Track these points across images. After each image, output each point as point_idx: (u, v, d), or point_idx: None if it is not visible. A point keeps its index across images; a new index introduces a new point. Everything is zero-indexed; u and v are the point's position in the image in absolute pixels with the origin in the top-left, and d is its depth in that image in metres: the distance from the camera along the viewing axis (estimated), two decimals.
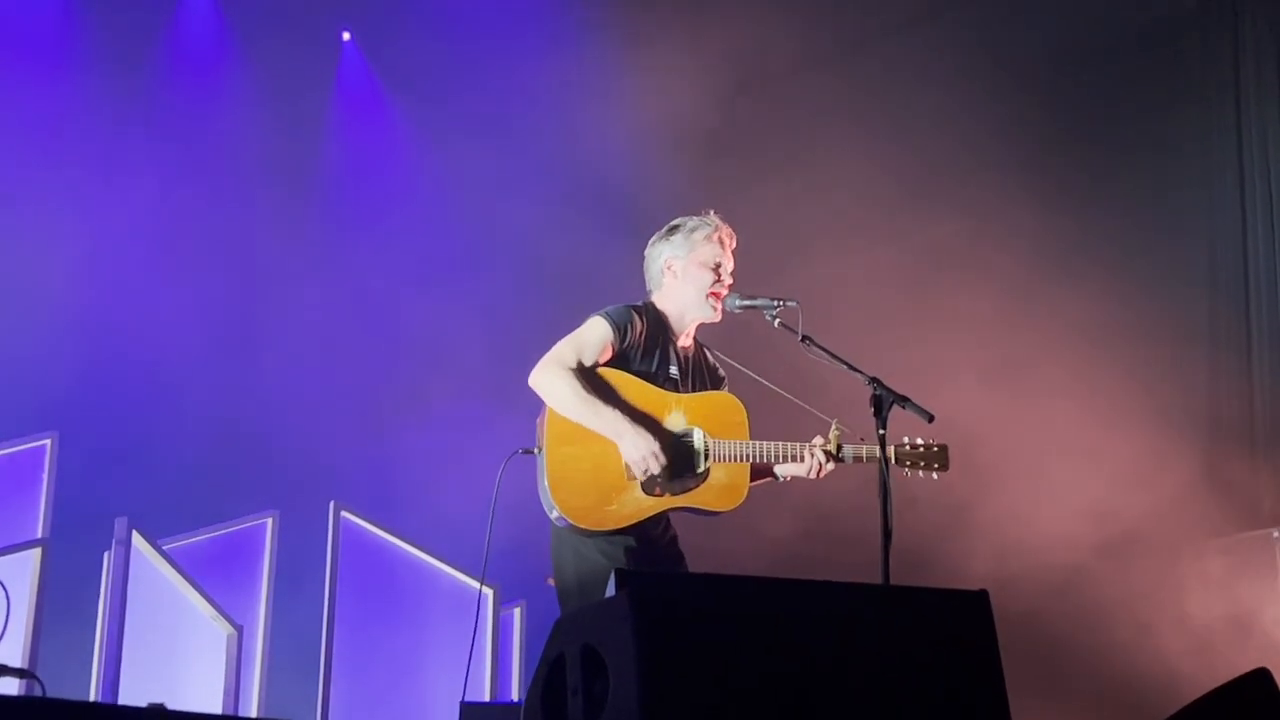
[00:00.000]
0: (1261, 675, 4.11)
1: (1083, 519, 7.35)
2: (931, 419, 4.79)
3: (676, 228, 5.13)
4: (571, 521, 4.78)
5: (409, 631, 7.03)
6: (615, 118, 8.61)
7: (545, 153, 8.94)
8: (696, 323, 5.12)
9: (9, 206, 8.09)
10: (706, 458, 4.87)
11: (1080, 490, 7.40)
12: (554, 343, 4.93)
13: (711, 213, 5.17)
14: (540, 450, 4.83)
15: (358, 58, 9.61)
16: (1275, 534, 6.71)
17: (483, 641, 7.15)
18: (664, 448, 4.81)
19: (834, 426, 4.94)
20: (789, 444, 4.92)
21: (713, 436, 4.89)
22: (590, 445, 4.79)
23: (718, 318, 5.09)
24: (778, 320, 4.98)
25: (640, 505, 4.81)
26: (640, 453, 4.77)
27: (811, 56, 8.80)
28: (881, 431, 4.73)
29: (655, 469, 4.78)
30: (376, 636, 6.92)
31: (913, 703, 3.74)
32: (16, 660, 5.73)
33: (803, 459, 4.93)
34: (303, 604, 7.11)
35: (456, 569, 7.18)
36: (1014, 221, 7.93)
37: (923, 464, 5.00)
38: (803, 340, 4.93)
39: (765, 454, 4.90)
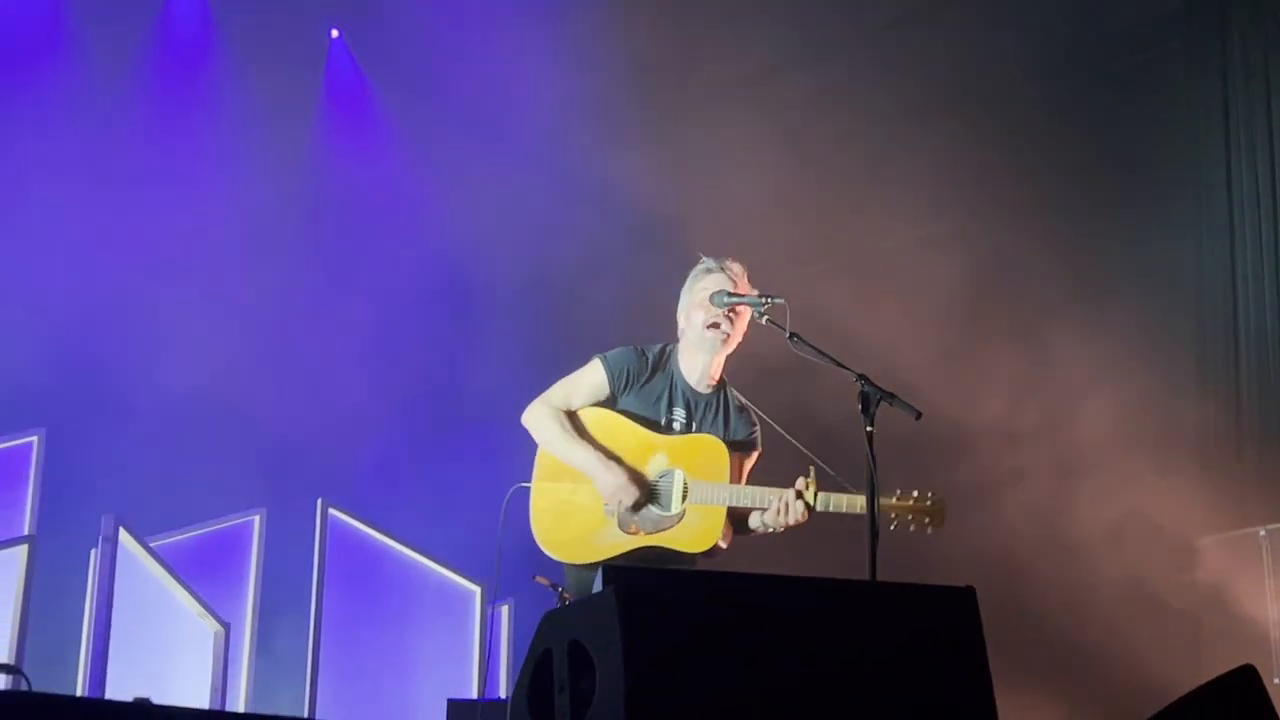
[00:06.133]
0: (1247, 672, 4.12)
1: (1071, 516, 7.37)
2: (919, 416, 4.77)
3: (686, 279, 5.21)
4: (550, 553, 4.98)
5: (396, 628, 7.03)
6: (605, 114, 8.60)
7: (535, 150, 8.93)
8: (717, 361, 5.13)
9: None
10: (684, 498, 4.94)
11: (1070, 488, 7.42)
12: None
13: (704, 257, 5.18)
14: (531, 485, 5.02)
15: (346, 56, 9.60)
16: (1262, 532, 6.73)
17: (469, 639, 7.16)
18: (637, 485, 4.92)
19: (811, 473, 4.90)
20: (768, 490, 4.93)
21: (693, 478, 4.95)
22: (574, 483, 4.99)
23: (726, 349, 5.09)
24: (765, 317, 4.99)
25: (615, 542, 4.94)
26: (611, 487, 4.91)
27: (792, 59, 8.80)
28: (870, 429, 4.72)
29: (627, 502, 4.90)
30: (364, 633, 6.92)
31: (900, 698, 3.74)
32: (3, 656, 5.73)
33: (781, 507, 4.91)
34: (290, 601, 7.10)
35: (444, 566, 7.18)
36: (995, 228, 7.95)
37: (912, 519, 4.91)
38: (790, 337, 4.93)
39: (742, 498, 4.94)
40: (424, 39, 8.96)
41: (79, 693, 6.10)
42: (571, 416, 5.04)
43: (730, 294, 5.04)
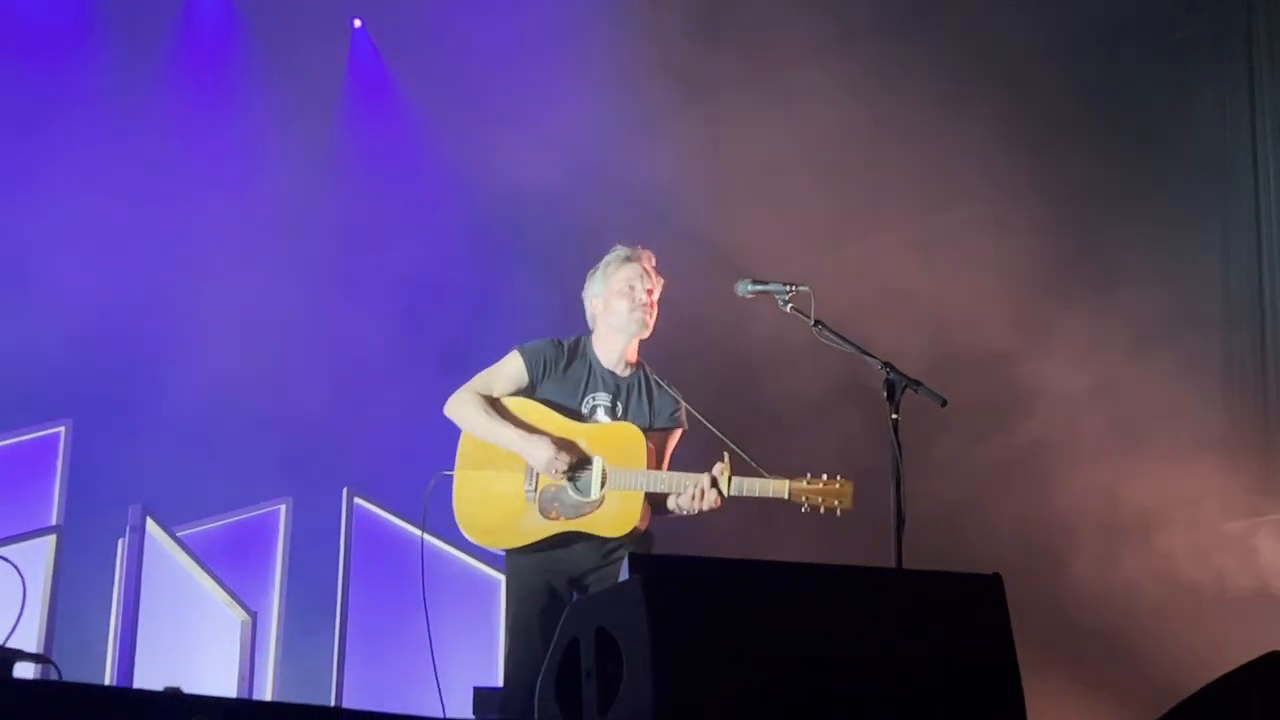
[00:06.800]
0: (1274, 659, 4.10)
1: (1098, 503, 7.35)
2: (945, 403, 4.79)
3: (594, 270, 5.39)
4: (475, 540, 5.18)
5: (421, 616, 7.04)
6: (630, 105, 8.59)
7: (564, 140, 8.91)
8: (633, 344, 5.29)
9: (23, 195, 8.11)
10: (603, 484, 5.06)
11: (1096, 472, 7.39)
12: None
13: (619, 245, 5.37)
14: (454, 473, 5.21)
15: (369, 46, 9.60)
16: None
17: (495, 627, 7.17)
18: (567, 452, 5.06)
19: (725, 458, 5.02)
20: (683, 475, 5.05)
21: (612, 465, 5.07)
22: (495, 470, 5.15)
23: (648, 332, 5.27)
24: (790, 305, 5.00)
25: (536, 527, 5.09)
26: (544, 457, 5.05)
27: (812, 44, 8.76)
28: (895, 416, 4.73)
29: (561, 467, 5.04)
30: (389, 621, 6.94)
31: (926, 686, 3.74)
32: (32, 646, 5.76)
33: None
34: (316, 590, 7.12)
35: (469, 555, 7.20)
36: (1021, 210, 7.92)
37: (822, 501, 4.98)
38: (815, 325, 4.94)
39: (659, 484, 5.06)
40: (447, 28, 8.96)
41: (107, 682, 6.13)
42: (493, 403, 5.18)
43: (755, 280, 5.08)
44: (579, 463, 5.09)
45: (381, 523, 7.08)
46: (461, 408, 5.20)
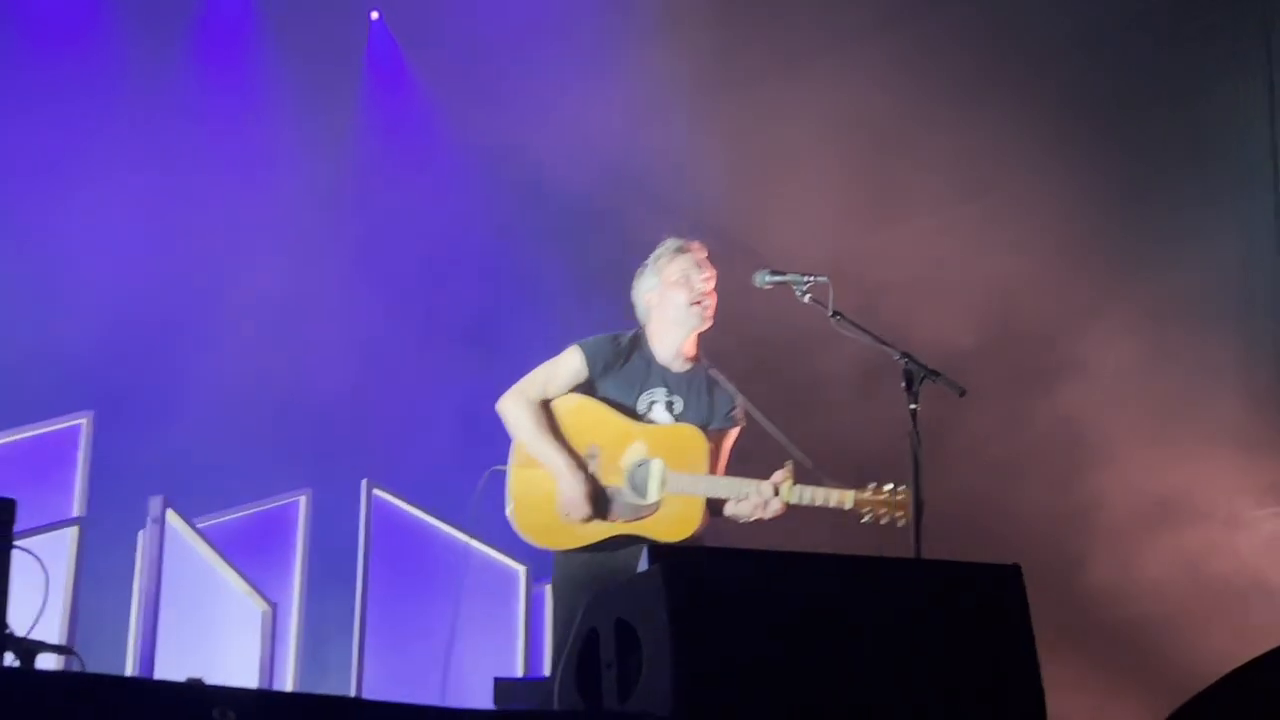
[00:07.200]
0: None
1: (1116, 492, 7.34)
2: (963, 393, 4.79)
3: (645, 264, 5.31)
4: (529, 539, 5.09)
5: (441, 608, 7.06)
6: (648, 98, 8.58)
7: (584, 134, 8.89)
8: (691, 338, 5.21)
9: (43, 187, 8.14)
10: (661, 488, 4.98)
11: (1118, 461, 7.38)
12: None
13: (669, 237, 5.31)
14: (508, 469, 5.12)
15: (386, 38, 9.60)
16: None
17: (514, 619, 7.18)
18: (591, 503, 4.97)
19: (788, 465, 4.95)
20: (743, 481, 4.97)
21: (672, 468, 4.98)
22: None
23: (708, 324, 5.19)
24: (808, 296, 4.99)
25: (593, 529, 5.01)
26: (568, 495, 4.98)
27: (837, 33, 8.74)
28: (913, 406, 4.73)
29: (575, 516, 4.97)
30: (409, 613, 6.95)
31: (945, 677, 3.74)
32: (54, 638, 5.78)
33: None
34: (336, 581, 7.14)
35: (490, 546, 7.21)
36: (1046, 198, 7.90)
37: (884, 511, 4.92)
38: (833, 316, 4.93)
39: (719, 489, 4.99)
40: (466, 20, 8.95)
41: (129, 674, 6.16)
42: (548, 406, 5.10)
43: (774, 271, 5.06)
44: (638, 464, 5.01)
45: (400, 514, 7.09)
46: (514, 413, 5.11)
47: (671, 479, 4.97)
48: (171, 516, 6.38)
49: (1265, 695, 3.99)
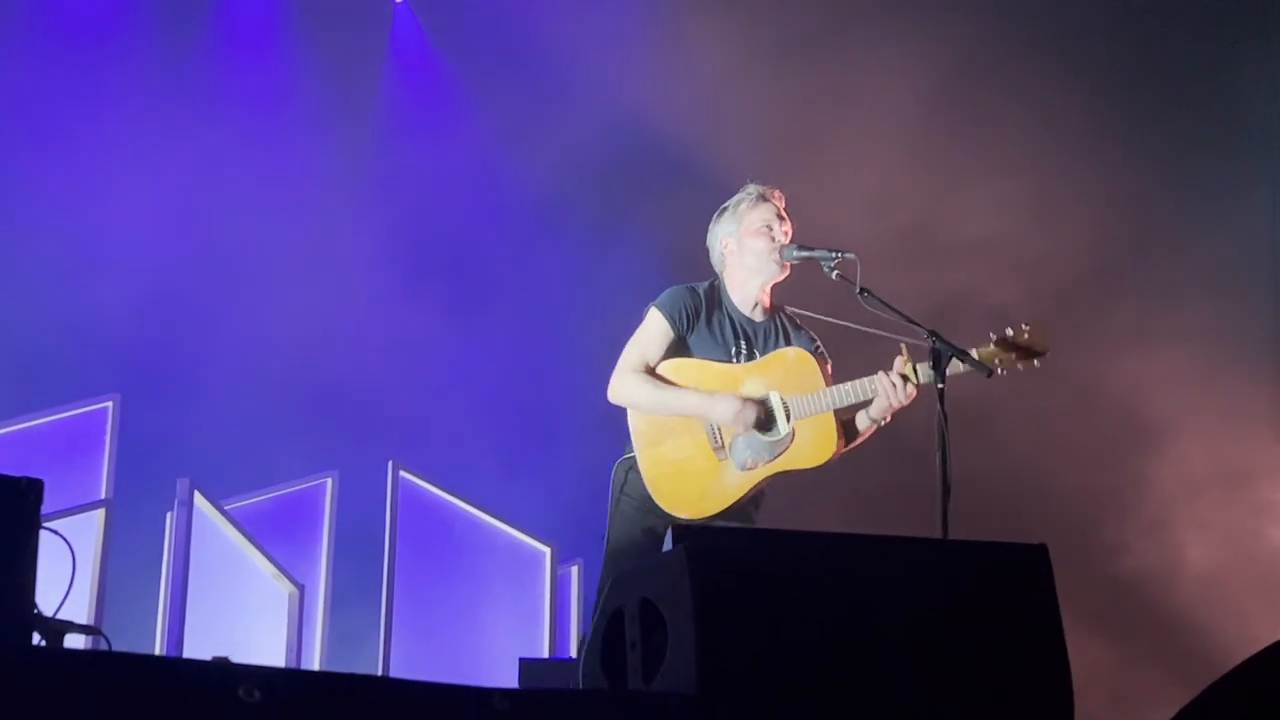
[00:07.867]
0: None
1: (1150, 475, 7.31)
2: (990, 374, 4.77)
3: (725, 209, 5.22)
4: (679, 515, 4.88)
5: (467, 589, 7.07)
6: (676, 83, 8.54)
7: (614, 121, 8.85)
8: (768, 287, 5.16)
9: (69, 171, 8.17)
10: (789, 418, 4.90)
11: (1148, 446, 7.35)
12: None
13: (750, 183, 5.22)
14: (634, 456, 4.98)
15: (411, 21, 9.58)
16: None
17: (540, 599, 7.19)
18: (753, 402, 4.89)
19: (904, 350, 4.84)
20: (866, 380, 4.88)
21: (788, 395, 4.91)
22: (675, 439, 4.94)
23: (785, 274, 5.12)
24: (835, 272, 4.97)
25: (739, 481, 4.91)
26: (730, 414, 4.87)
27: (871, 10, 8.69)
28: (940, 385, 4.70)
29: (750, 419, 4.86)
30: (435, 594, 6.97)
31: (970, 656, 3.73)
32: (83, 618, 5.82)
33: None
34: (363, 562, 7.16)
35: (515, 528, 7.22)
36: (1080, 173, 7.88)
37: (1016, 357, 4.81)
38: (860, 292, 4.91)
39: (844, 397, 4.89)
40: (491, 4, 8.93)
41: (157, 653, 6.19)
42: (653, 373, 4.99)
43: (801, 246, 5.04)
44: (758, 404, 4.93)
45: (426, 495, 7.10)
46: (629, 389, 4.97)
47: (794, 404, 4.89)
48: (199, 498, 6.40)
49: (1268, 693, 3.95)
